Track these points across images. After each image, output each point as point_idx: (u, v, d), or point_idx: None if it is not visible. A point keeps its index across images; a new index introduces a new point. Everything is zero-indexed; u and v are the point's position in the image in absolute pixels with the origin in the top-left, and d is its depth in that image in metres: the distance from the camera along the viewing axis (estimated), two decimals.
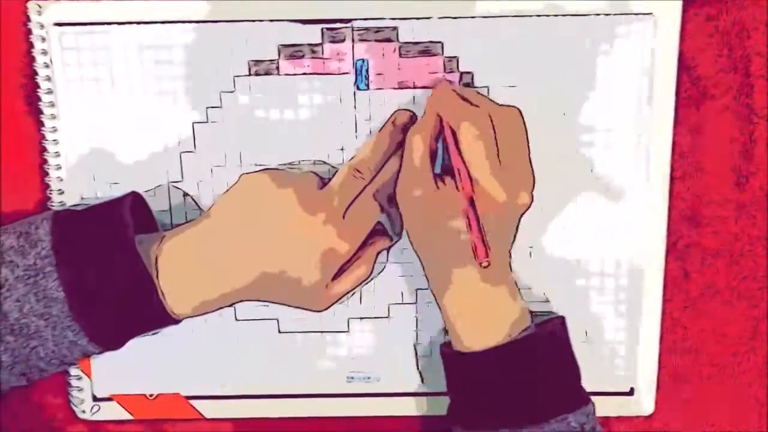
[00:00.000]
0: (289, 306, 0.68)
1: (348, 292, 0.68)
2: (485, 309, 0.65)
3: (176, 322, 0.66)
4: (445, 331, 0.71)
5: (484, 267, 0.62)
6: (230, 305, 0.67)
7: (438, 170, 0.67)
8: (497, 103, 0.67)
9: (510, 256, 0.67)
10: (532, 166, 0.65)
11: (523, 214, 0.65)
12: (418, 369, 0.74)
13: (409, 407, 0.75)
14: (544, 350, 0.65)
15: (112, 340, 0.65)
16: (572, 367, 0.66)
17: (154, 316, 0.64)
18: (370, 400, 0.75)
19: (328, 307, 0.68)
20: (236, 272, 0.65)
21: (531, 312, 0.67)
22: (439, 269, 0.66)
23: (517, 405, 0.64)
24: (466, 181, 0.63)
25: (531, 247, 0.72)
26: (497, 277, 0.65)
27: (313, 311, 0.68)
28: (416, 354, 0.74)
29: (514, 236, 0.67)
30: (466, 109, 0.64)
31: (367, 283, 0.70)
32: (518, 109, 0.65)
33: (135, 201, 0.68)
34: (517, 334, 0.64)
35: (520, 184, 0.64)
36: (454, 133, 0.64)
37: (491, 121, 0.63)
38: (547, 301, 0.73)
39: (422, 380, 0.74)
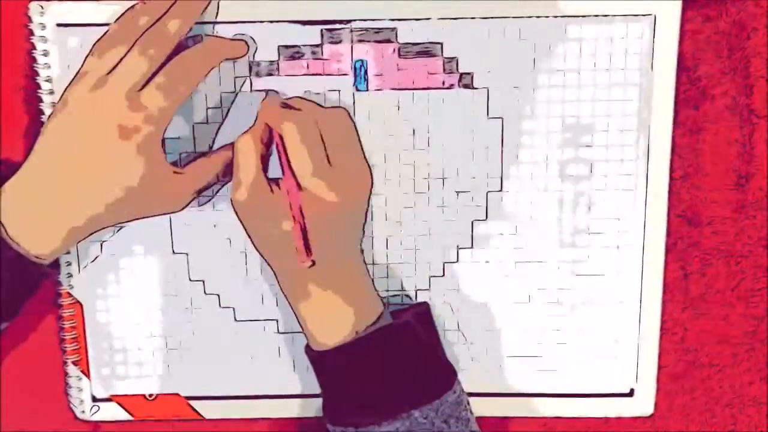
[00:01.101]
0: (148, 216, 0.66)
1: (200, 185, 0.66)
2: (332, 309, 0.65)
3: (48, 271, 0.65)
4: None
5: (307, 267, 0.63)
6: (87, 235, 0.65)
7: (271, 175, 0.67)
8: (322, 106, 0.67)
9: (362, 252, 0.68)
10: (369, 165, 0.67)
11: (366, 211, 0.67)
12: None
13: None
14: (392, 344, 0.65)
15: None
16: (426, 360, 0.67)
17: (14, 261, 0.63)
18: None
19: (186, 204, 0.66)
20: (68, 200, 0.63)
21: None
22: (283, 271, 0.67)
23: (364, 401, 0.65)
24: (290, 184, 0.63)
25: (531, 248, 0.72)
26: (341, 277, 0.66)
27: (172, 212, 0.67)
28: None
29: (363, 233, 0.68)
30: (288, 113, 0.64)
31: (221, 184, 0.70)
32: (345, 109, 0.67)
33: None
34: (364, 330, 0.65)
35: (353, 183, 0.65)
36: (282, 139, 0.64)
37: (317, 123, 0.64)
38: (547, 301, 0.73)
39: None
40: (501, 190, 0.70)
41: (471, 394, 0.70)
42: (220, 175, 0.67)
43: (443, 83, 0.69)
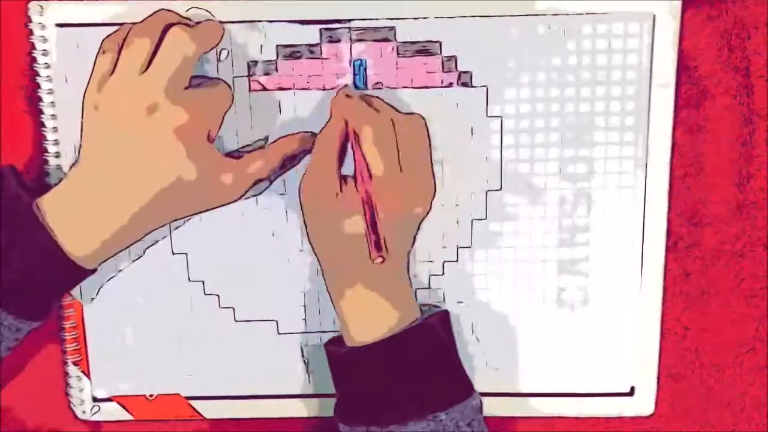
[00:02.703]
0: (204, 211, 0.67)
1: (252, 180, 0.66)
2: (374, 310, 0.66)
3: (87, 271, 0.65)
4: None
5: (378, 263, 0.63)
6: (140, 237, 0.66)
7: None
8: (400, 111, 0.67)
9: (408, 260, 0.68)
10: (434, 176, 0.67)
11: (421, 222, 0.67)
12: None
13: None
14: (418, 344, 0.65)
15: (32, 308, 0.65)
16: (450, 362, 0.67)
17: (57, 265, 0.63)
18: None
19: (242, 194, 0.66)
20: (121, 203, 0.64)
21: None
22: (334, 268, 0.67)
23: (389, 402, 0.64)
24: (365, 179, 0.64)
25: (530, 247, 0.72)
26: (388, 280, 0.66)
27: (229, 203, 0.67)
28: None
29: (413, 242, 0.68)
30: (368, 112, 0.65)
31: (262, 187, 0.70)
32: (422, 116, 0.67)
33: (15, 173, 0.68)
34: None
35: (418, 192, 0.66)
36: (357, 136, 0.64)
37: (393, 127, 0.64)
38: (547, 300, 0.73)
39: None
40: (500, 189, 0.70)
41: None
42: (276, 168, 0.67)
43: (442, 82, 0.69)
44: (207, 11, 0.67)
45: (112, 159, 0.63)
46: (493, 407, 0.74)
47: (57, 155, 0.70)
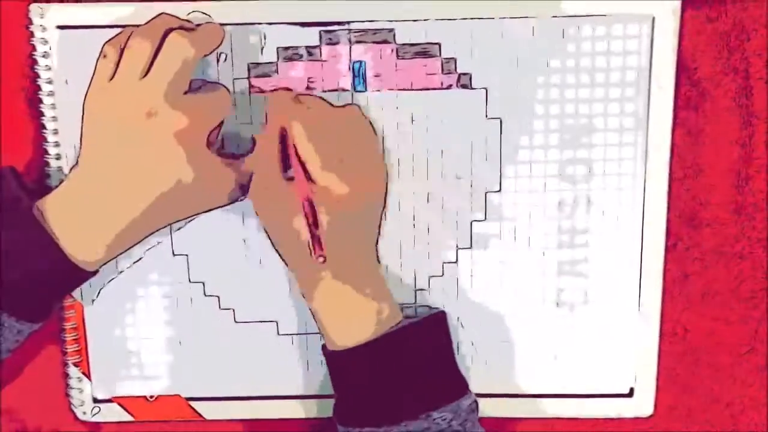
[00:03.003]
0: (204, 212, 0.67)
1: (245, 176, 0.66)
2: (349, 307, 0.65)
3: (88, 273, 0.65)
4: None
5: (321, 263, 0.63)
6: (141, 239, 0.66)
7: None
8: (333, 105, 0.67)
9: (378, 254, 0.69)
10: (384, 162, 0.68)
11: (383, 211, 0.68)
12: None
13: None
14: (411, 345, 0.65)
15: (33, 310, 0.65)
16: (443, 363, 0.67)
17: (58, 267, 0.64)
18: None
19: (242, 196, 0.67)
20: (122, 206, 0.64)
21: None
22: (299, 270, 0.67)
23: (382, 402, 0.64)
24: (299, 179, 0.63)
25: (529, 249, 0.72)
26: (357, 274, 0.66)
27: (226, 204, 0.67)
28: None
29: (378, 233, 0.69)
30: (297, 110, 0.65)
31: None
32: (357, 106, 0.68)
33: (15, 174, 0.68)
34: (386, 330, 0.65)
35: (366, 178, 0.65)
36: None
37: (327, 121, 0.64)
38: (546, 301, 0.73)
39: None
40: (500, 191, 0.70)
41: None
42: None
43: (441, 83, 0.69)
44: (207, 15, 0.68)
45: (111, 162, 0.63)
46: (491, 408, 0.74)
47: (57, 157, 0.70)
